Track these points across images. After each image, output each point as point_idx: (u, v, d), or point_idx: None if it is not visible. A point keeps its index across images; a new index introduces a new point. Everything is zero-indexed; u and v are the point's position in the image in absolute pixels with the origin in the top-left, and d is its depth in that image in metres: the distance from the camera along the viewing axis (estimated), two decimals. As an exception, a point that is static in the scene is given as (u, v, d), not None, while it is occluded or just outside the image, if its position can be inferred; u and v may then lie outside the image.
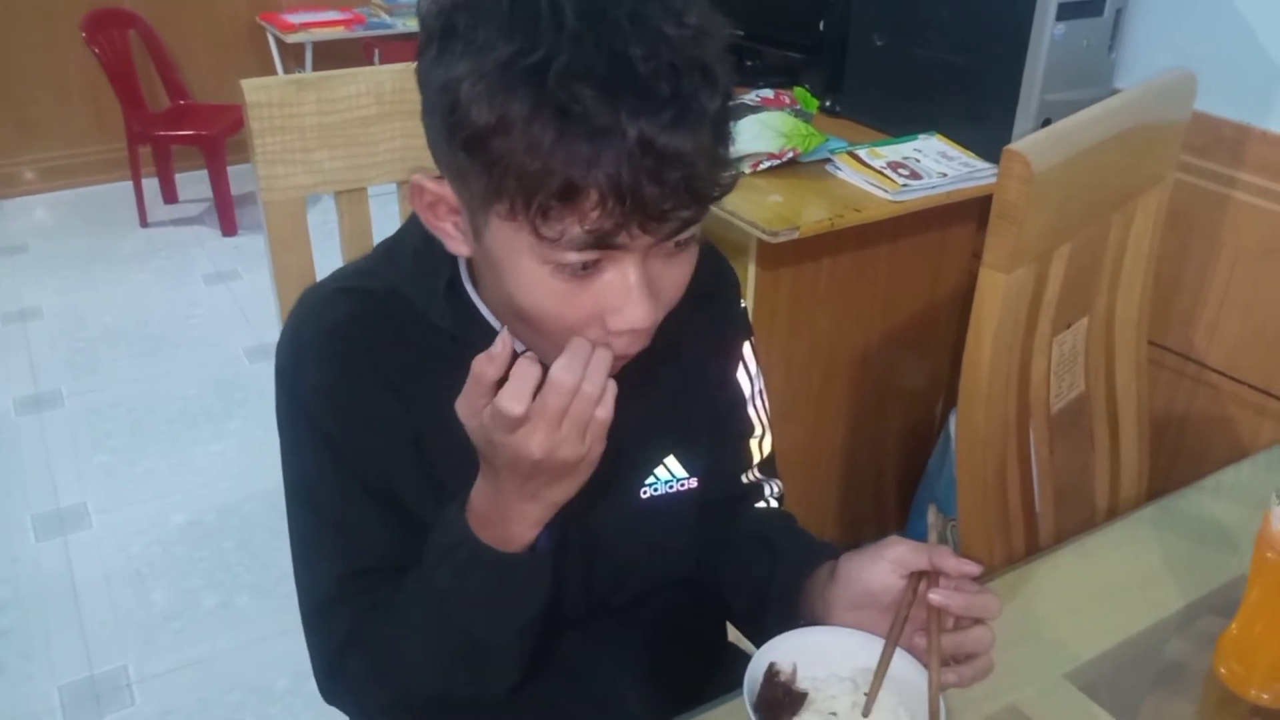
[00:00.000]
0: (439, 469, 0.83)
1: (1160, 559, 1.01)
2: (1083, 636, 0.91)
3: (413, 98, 1.16)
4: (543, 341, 0.72)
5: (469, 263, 0.81)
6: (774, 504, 1.01)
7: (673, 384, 0.89)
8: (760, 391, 0.99)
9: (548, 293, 0.67)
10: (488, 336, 0.78)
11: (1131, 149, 1.19)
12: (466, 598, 0.77)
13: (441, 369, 0.79)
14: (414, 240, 0.82)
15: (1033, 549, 1.24)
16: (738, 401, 0.97)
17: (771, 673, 0.77)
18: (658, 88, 0.59)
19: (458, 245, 0.73)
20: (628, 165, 0.59)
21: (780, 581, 0.89)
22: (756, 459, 1.00)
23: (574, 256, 0.64)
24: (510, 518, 0.74)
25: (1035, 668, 0.88)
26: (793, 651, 0.78)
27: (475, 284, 0.81)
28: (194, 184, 4.22)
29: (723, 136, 0.64)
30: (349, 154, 1.16)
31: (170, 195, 4.23)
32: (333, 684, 0.87)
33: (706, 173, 0.62)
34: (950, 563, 0.75)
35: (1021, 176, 0.99)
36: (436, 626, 0.79)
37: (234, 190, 3.98)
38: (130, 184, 4.01)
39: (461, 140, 0.62)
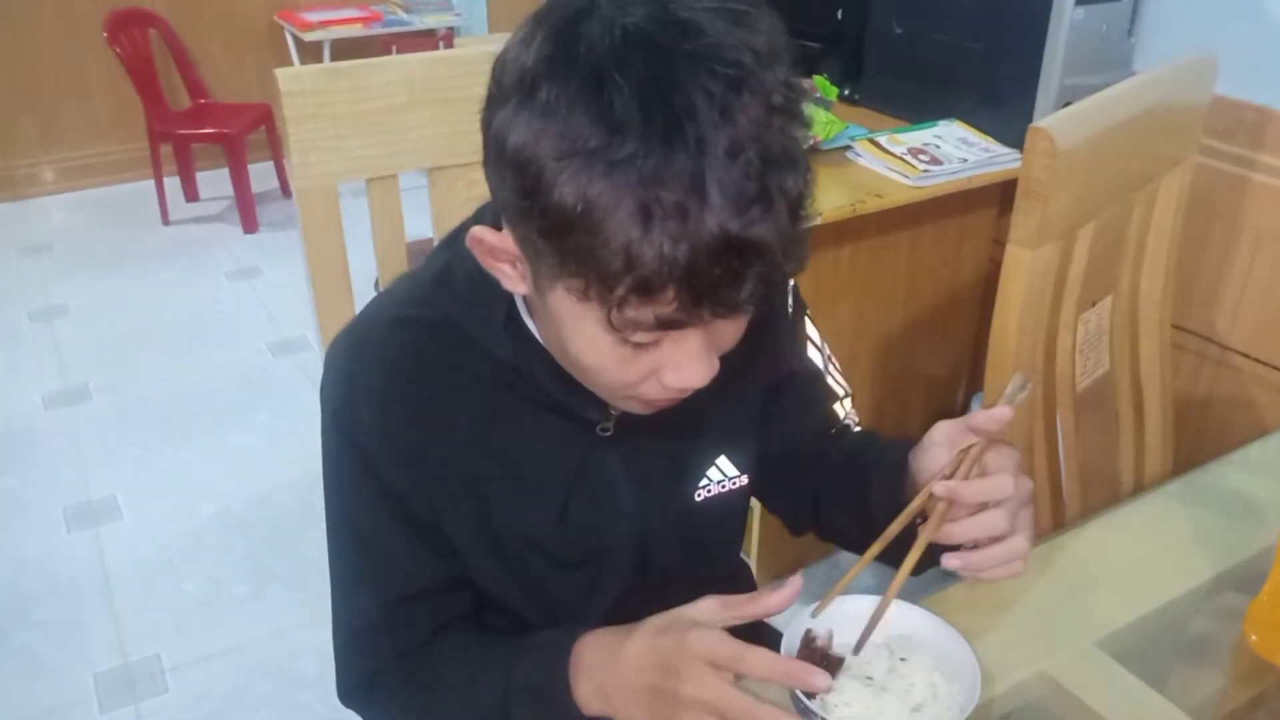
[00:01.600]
0: (492, 507, 0.83)
1: (1188, 531, 1.02)
2: (1113, 606, 0.93)
3: (443, 85, 1.19)
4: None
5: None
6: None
7: (723, 385, 0.89)
8: (830, 358, 0.99)
9: (608, 356, 0.68)
10: (548, 368, 0.79)
11: (1153, 129, 1.20)
12: None
13: (500, 402, 0.81)
14: (468, 267, 0.79)
15: (1059, 526, 1.25)
16: (815, 376, 0.97)
17: (808, 638, 0.78)
18: (745, 187, 0.58)
19: (515, 285, 0.72)
20: (707, 262, 0.58)
21: (879, 489, 0.87)
22: (842, 416, 0.99)
23: (641, 337, 0.65)
24: (614, 694, 0.75)
25: (1066, 636, 0.89)
26: (828, 619, 0.79)
27: (530, 310, 0.80)
28: (215, 182, 4.25)
29: (800, 218, 0.62)
30: (380, 141, 1.18)
31: (191, 193, 4.27)
32: (354, 701, 0.89)
33: (783, 258, 0.61)
34: (980, 418, 0.73)
35: (1046, 153, 1.00)
36: None
37: (254, 188, 4.01)
38: (152, 183, 4.04)
39: (539, 224, 0.61)
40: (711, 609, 0.75)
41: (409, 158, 1.21)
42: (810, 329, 0.97)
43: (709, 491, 0.91)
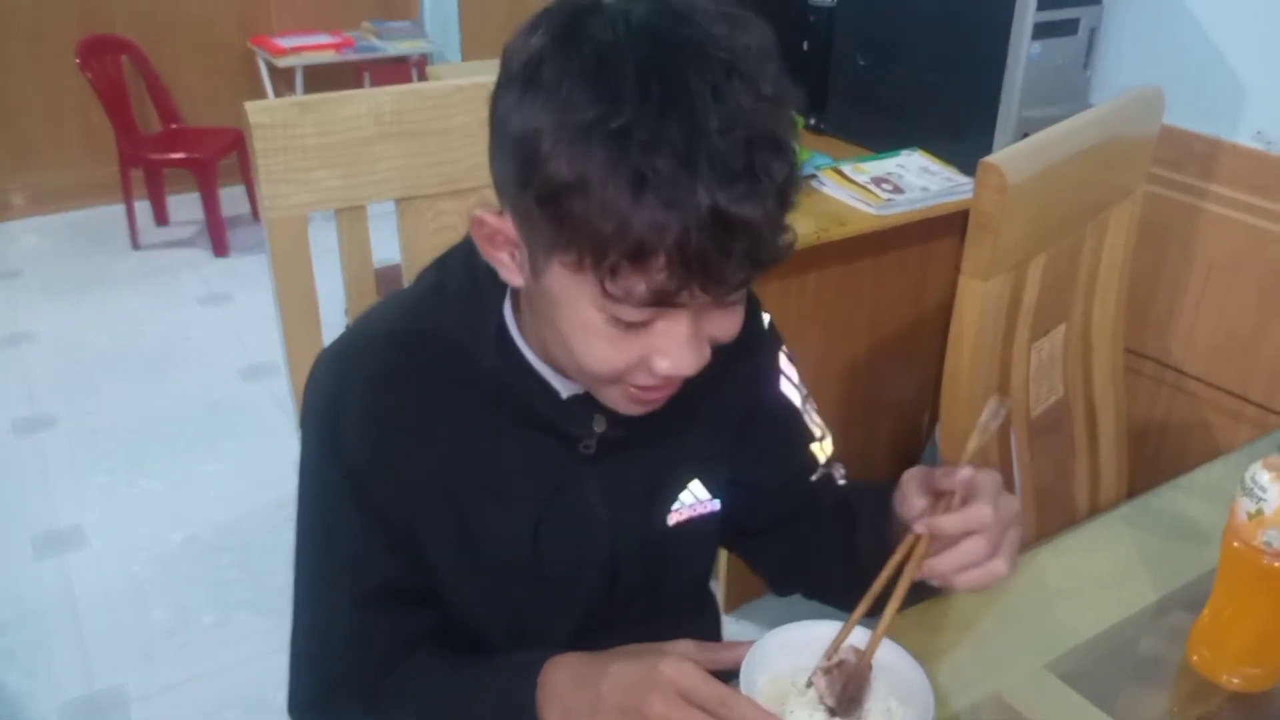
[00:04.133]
0: (470, 520, 0.85)
1: (1136, 554, 1.05)
2: (1062, 628, 0.95)
3: (411, 119, 1.21)
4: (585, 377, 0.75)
5: (513, 303, 0.82)
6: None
7: (698, 408, 0.89)
8: (808, 397, 1.00)
9: (600, 338, 0.69)
10: (535, 382, 0.82)
11: (1103, 162, 1.24)
12: None
13: (485, 417, 0.82)
14: (460, 281, 0.82)
15: (1015, 549, 1.27)
16: (791, 412, 0.98)
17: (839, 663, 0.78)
18: (733, 161, 0.61)
19: (512, 275, 0.74)
20: (697, 233, 0.61)
21: (865, 538, 0.88)
22: (821, 459, 0.99)
23: (633, 314, 0.67)
24: (581, 716, 0.76)
25: (1016, 657, 0.92)
26: (793, 642, 0.80)
27: (519, 325, 0.82)
28: (185, 206, 4.25)
29: (786, 203, 0.66)
30: (349, 173, 1.20)
31: (162, 218, 4.26)
32: (309, 716, 0.90)
33: (769, 239, 0.65)
34: (948, 482, 0.76)
35: (997, 187, 1.03)
36: None
37: (225, 213, 4.01)
38: (122, 207, 4.03)
39: (536, 194, 0.64)
40: (688, 649, 0.77)
41: (377, 189, 1.22)
42: (786, 365, 0.98)
43: (680, 515, 0.92)
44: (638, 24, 0.64)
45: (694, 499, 0.92)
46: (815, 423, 1.00)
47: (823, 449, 1.00)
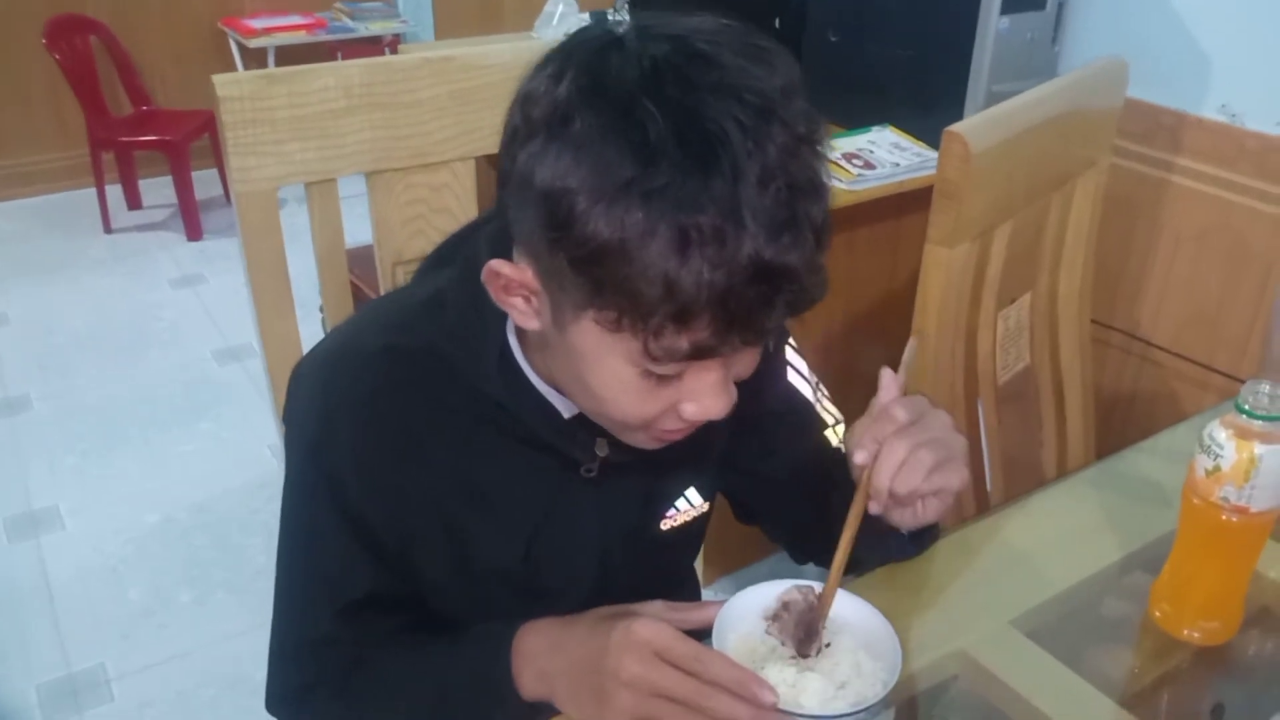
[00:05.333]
0: (463, 539, 0.84)
1: (1100, 515, 1.07)
2: (1027, 586, 0.97)
3: (381, 91, 1.21)
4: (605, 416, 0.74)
5: (519, 329, 0.79)
6: None
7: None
8: (818, 385, 1.00)
9: (630, 389, 0.68)
10: (539, 408, 0.80)
11: (1067, 132, 1.25)
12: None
13: (481, 436, 0.81)
14: (459, 299, 0.79)
15: (982, 513, 1.29)
16: (801, 404, 0.98)
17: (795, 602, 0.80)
18: (776, 212, 0.60)
19: (527, 320, 0.71)
20: (741, 287, 0.60)
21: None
22: (835, 443, 1.00)
23: (669, 368, 0.66)
24: (556, 676, 0.76)
25: (982, 615, 0.93)
26: (763, 601, 0.81)
27: (521, 345, 0.80)
28: (158, 189, 4.21)
29: (824, 246, 0.64)
30: (319, 145, 1.19)
31: (134, 201, 4.22)
32: (285, 709, 0.90)
33: (809, 285, 0.63)
34: (884, 395, 0.77)
35: (961, 156, 1.04)
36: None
37: (198, 195, 3.98)
38: (93, 190, 3.99)
39: (571, 254, 0.61)
40: (659, 609, 0.78)
41: (348, 162, 1.22)
42: (794, 357, 0.98)
43: (674, 521, 0.93)
44: (664, 66, 0.60)
45: (687, 504, 0.93)
46: (828, 410, 1.00)
47: (836, 434, 1.00)
